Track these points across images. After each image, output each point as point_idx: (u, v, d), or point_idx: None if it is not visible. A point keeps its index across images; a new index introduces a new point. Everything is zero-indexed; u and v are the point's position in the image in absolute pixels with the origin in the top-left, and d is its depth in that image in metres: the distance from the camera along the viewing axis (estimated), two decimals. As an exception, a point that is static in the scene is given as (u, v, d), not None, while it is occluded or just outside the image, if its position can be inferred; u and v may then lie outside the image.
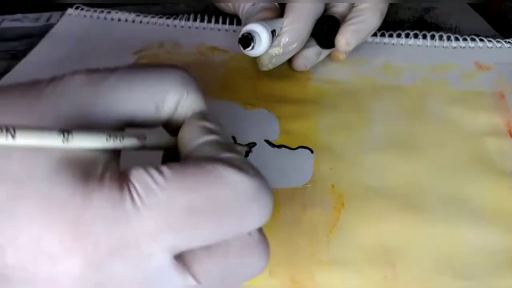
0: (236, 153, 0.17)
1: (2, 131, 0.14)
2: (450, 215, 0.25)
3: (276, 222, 0.25)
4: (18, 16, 0.42)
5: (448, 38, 0.39)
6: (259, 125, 0.30)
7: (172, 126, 0.19)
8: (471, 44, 0.38)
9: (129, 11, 0.42)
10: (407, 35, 0.39)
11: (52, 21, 0.42)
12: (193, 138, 0.18)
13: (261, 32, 0.30)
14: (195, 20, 0.41)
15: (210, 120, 0.19)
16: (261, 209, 0.16)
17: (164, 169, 0.15)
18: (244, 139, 0.29)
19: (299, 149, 0.29)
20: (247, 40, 0.30)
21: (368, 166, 0.28)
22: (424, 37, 0.39)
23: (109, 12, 0.42)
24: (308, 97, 0.33)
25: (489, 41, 0.38)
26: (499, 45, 0.38)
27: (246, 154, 0.28)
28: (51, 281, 0.15)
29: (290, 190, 0.26)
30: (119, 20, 0.41)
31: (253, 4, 0.33)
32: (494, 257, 0.24)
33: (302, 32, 0.32)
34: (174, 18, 0.41)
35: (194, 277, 0.16)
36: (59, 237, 0.14)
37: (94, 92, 0.17)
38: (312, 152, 0.29)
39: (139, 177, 0.15)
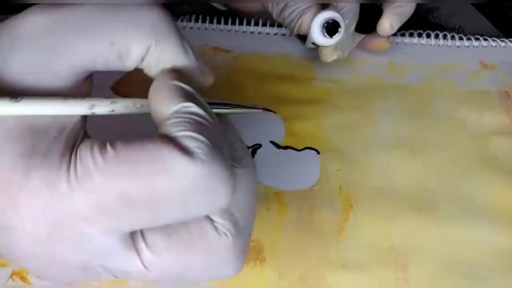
0: (200, 127, 0.15)
1: None
2: (458, 215, 0.25)
3: (284, 225, 0.25)
4: None
5: (452, 38, 0.38)
6: (264, 127, 0.30)
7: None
8: (475, 43, 0.38)
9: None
10: (411, 34, 0.39)
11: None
12: (160, 106, 0.16)
13: (340, 17, 0.29)
14: (197, 21, 0.40)
15: (180, 80, 0.16)
16: (211, 197, 0.15)
17: (109, 149, 0.15)
18: (249, 140, 0.29)
19: (305, 150, 0.29)
20: (335, 27, 0.29)
21: (375, 166, 0.28)
22: (428, 36, 0.38)
23: (109, 13, 0.41)
24: (313, 97, 0.33)
25: (494, 40, 0.38)
26: (503, 44, 0.38)
27: (253, 154, 0.28)
28: (9, 254, 0.16)
29: (297, 192, 0.26)
30: (120, 21, 0.41)
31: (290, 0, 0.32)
32: (504, 256, 0.24)
33: (356, 13, 0.31)
34: (176, 19, 0.41)
35: (143, 263, 0.15)
36: (3, 211, 0.14)
37: (50, 39, 0.16)
38: (318, 153, 0.29)
39: (82, 157, 0.15)
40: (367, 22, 0.33)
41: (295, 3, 0.31)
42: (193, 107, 0.15)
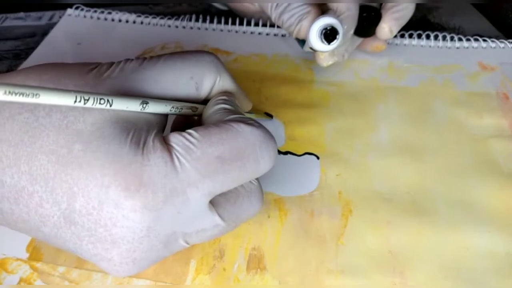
0: (241, 114, 0.21)
1: (104, 100, 0.18)
2: (458, 219, 0.26)
3: (284, 231, 0.25)
4: (21, 14, 0.42)
5: (452, 39, 0.38)
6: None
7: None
8: (475, 44, 0.38)
9: (130, 11, 0.41)
10: (410, 36, 0.39)
11: (54, 19, 0.41)
12: (209, 108, 0.22)
13: (338, 24, 0.29)
14: (197, 20, 0.40)
15: (227, 94, 0.23)
16: (271, 151, 0.21)
17: (193, 132, 0.19)
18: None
19: (305, 156, 0.29)
20: (333, 33, 0.29)
21: (375, 171, 0.28)
22: (428, 37, 0.39)
23: (109, 13, 0.41)
24: (313, 100, 0.33)
25: (493, 41, 0.38)
26: (502, 45, 0.38)
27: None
28: (111, 225, 0.18)
29: (297, 197, 0.26)
30: (119, 20, 0.41)
31: (289, 4, 0.32)
32: (503, 261, 0.24)
33: (355, 18, 0.32)
34: (176, 19, 0.40)
35: (220, 217, 0.20)
36: (125, 185, 0.18)
37: (146, 74, 0.21)
38: (318, 158, 0.29)
39: (177, 141, 0.19)
40: (366, 26, 0.33)
41: (294, 8, 0.31)
42: (229, 107, 0.22)
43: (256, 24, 0.40)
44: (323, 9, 0.32)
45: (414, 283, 0.23)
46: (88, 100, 0.17)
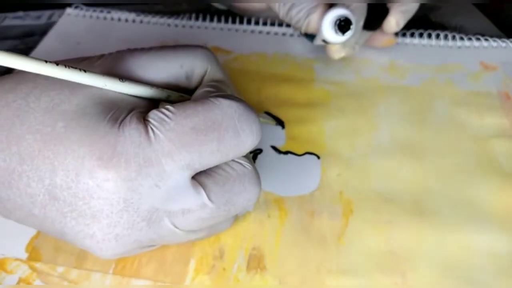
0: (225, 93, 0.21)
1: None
2: (459, 219, 0.25)
3: (284, 230, 0.25)
4: (20, 14, 0.42)
5: (453, 38, 0.38)
6: (264, 131, 0.30)
7: None
8: (476, 43, 0.38)
9: (130, 10, 0.41)
10: (411, 35, 0.39)
11: (54, 19, 0.41)
12: (196, 93, 0.22)
13: (351, 15, 0.29)
14: (196, 19, 0.40)
15: (216, 81, 0.23)
16: (251, 123, 0.20)
17: (169, 106, 0.20)
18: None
19: (306, 155, 0.29)
20: (347, 24, 0.29)
21: (376, 171, 0.28)
22: (429, 36, 0.38)
23: (109, 12, 0.41)
24: (313, 99, 0.33)
25: (494, 41, 0.38)
26: (504, 44, 0.38)
27: (253, 159, 0.28)
28: (89, 197, 0.19)
29: (297, 197, 0.26)
30: (119, 20, 0.41)
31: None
32: (505, 261, 0.24)
33: (364, 9, 0.32)
34: (175, 18, 0.40)
35: (207, 196, 0.20)
36: (99, 155, 0.18)
37: (135, 62, 0.22)
38: (319, 158, 0.29)
39: (153, 115, 0.19)
40: (373, 19, 0.33)
41: (302, 3, 0.31)
42: (215, 90, 0.22)
43: (256, 23, 0.39)
44: (330, 4, 0.32)
45: (415, 283, 0.23)
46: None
